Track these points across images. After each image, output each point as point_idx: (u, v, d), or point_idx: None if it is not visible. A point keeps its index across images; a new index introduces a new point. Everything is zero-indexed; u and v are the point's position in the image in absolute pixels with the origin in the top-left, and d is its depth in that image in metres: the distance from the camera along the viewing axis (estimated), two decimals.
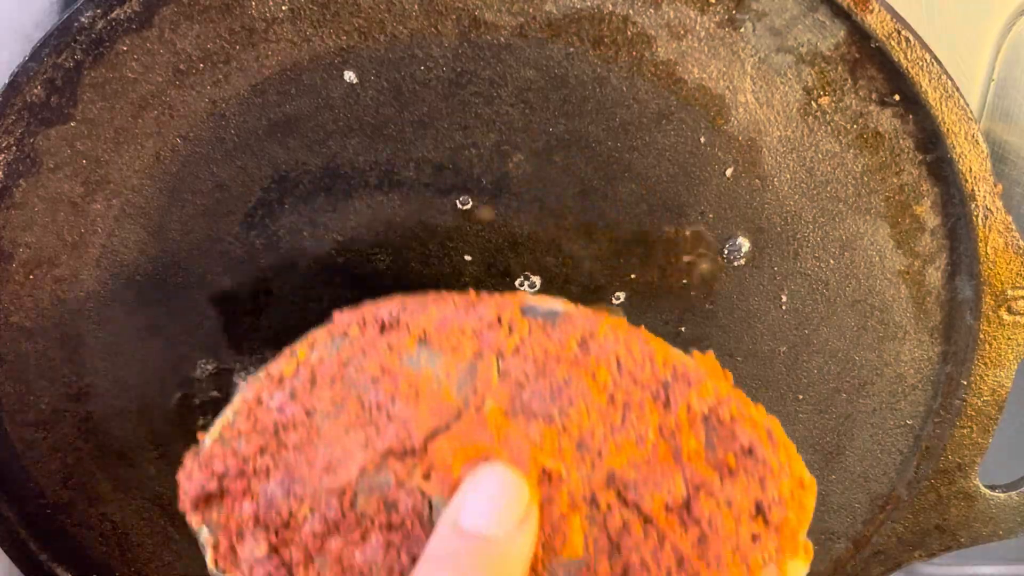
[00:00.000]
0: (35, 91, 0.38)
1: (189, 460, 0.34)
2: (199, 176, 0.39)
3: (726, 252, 0.42)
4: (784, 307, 0.42)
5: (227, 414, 0.34)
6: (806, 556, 0.33)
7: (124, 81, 0.38)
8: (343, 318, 0.35)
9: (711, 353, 0.34)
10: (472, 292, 0.36)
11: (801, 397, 0.44)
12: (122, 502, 0.42)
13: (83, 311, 0.40)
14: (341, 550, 0.33)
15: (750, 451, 0.32)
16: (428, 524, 0.32)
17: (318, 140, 0.39)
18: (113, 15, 0.37)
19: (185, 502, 0.34)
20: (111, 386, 0.41)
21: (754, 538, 0.32)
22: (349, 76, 0.39)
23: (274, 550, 0.33)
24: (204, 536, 0.34)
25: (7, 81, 0.38)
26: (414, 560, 0.31)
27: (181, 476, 0.34)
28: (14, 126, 0.38)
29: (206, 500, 0.34)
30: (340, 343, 0.34)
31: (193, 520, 0.34)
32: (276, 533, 0.33)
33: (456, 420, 0.33)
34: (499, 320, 0.34)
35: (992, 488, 0.45)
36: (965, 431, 0.44)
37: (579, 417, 0.33)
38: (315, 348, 0.34)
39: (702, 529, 0.32)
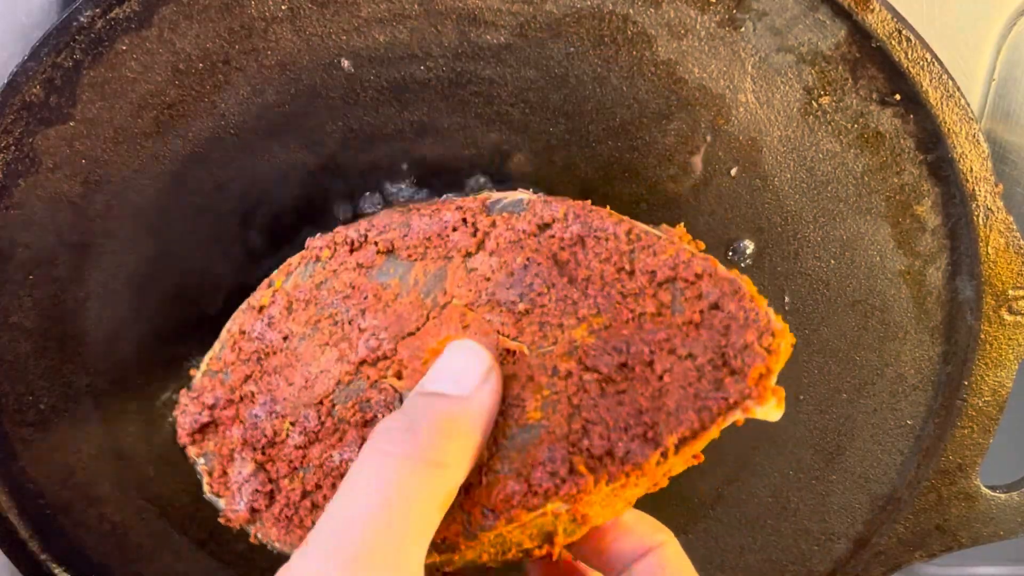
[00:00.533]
0: (34, 91, 0.38)
1: (183, 396, 0.37)
2: (199, 176, 0.39)
3: (731, 255, 0.42)
4: (786, 307, 0.42)
5: (214, 348, 0.37)
6: (778, 401, 0.31)
7: (123, 81, 0.38)
8: (315, 243, 0.37)
9: (681, 225, 0.35)
10: (438, 201, 0.37)
11: (801, 397, 0.44)
12: (122, 502, 0.42)
13: (83, 311, 0.40)
14: (321, 455, 0.34)
15: (716, 306, 0.32)
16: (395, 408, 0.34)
17: (318, 140, 0.39)
18: (112, 14, 0.37)
19: (182, 436, 0.36)
20: (111, 386, 0.41)
21: (716, 385, 0.31)
22: (349, 76, 0.39)
23: (260, 467, 0.35)
24: (200, 465, 0.36)
25: (6, 81, 0.37)
26: None
27: (177, 412, 0.36)
28: (13, 126, 0.38)
29: (200, 431, 0.36)
30: (313, 267, 0.36)
31: (192, 452, 0.36)
32: (263, 451, 0.35)
33: (425, 322, 0.34)
34: (464, 221, 0.35)
35: (992, 488, 0.45)
36: (966, 431, 0.44)
37: (540, 299, 0.34)
38: (290, 276, 0.36)
39: (662, 383, 0.32)
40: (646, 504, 0.43)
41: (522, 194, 0.36)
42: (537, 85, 0.39)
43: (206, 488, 0.36)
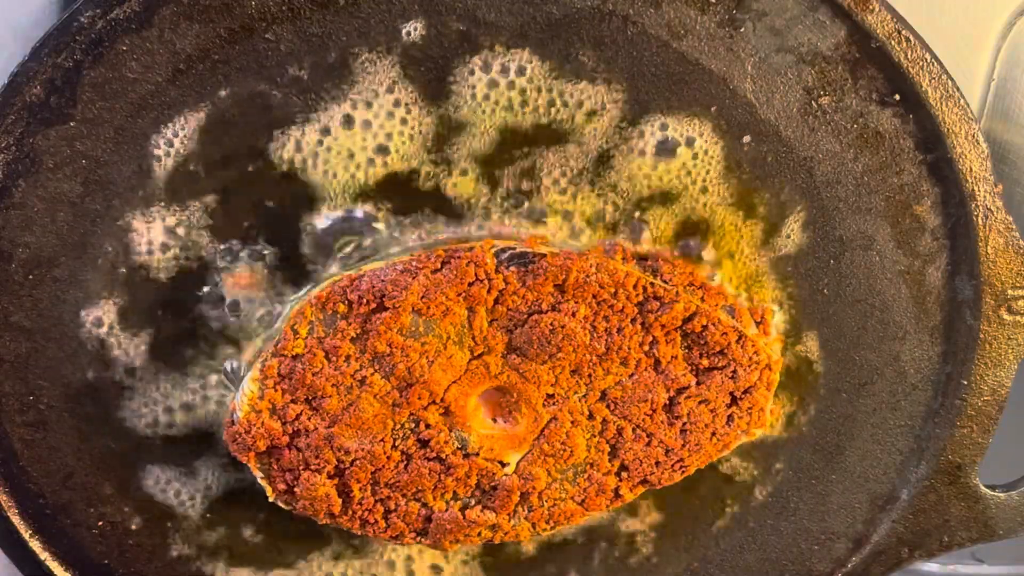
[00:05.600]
0: (35, 91, 0.38)
1: (229, 429, 0.39)
2: (199, 178, 0.39)
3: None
4: (785, 308, 0.42)
5: (251, 389, 0.38)
6: (772, 418, 0.42)
7: (124, 81, 0.38)
8: (330, 294, 0.38)
9: (680, 262, 0.40)
10: (438, 251, 0.38)
11: (801, 397, 0.44)
12: (122, 502, 0.42)
13: (83, 311, 0.40)
14: (388, 477, 0.39)
15: (722, 353, 0.39)
16: (453, 446, 0.39)
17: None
18: (113, 15, 0.37)
19: (240, 455, 0.39)
20: (111, 386, 0.41)
21: (728, 420, 0.40)
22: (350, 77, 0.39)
23: (331, 486, 0.39)
24: (261, 478, 0.39)
25: (7, 81, 0.38)
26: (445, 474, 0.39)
27: (226, 438, 0.39)
28: (13, 126, 0.38)
29: (259, 455, 0.39)
30: (335, 319, 0.38)
31: (252, 467, 0.39)
32: (328, 476, 0.39)
33: (465, 372, 0.39)
34: (476, 278, 0.38)
35: (992, 488, 0.45)
36: (965, 431, 0.44)
37: (568, 355, 0.38)
38: (314, 325, 0.38)
39: (685, 425, 0.40)
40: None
41: (525, 245, 0.38)
42: None
43: (271, 496, 0.40)
